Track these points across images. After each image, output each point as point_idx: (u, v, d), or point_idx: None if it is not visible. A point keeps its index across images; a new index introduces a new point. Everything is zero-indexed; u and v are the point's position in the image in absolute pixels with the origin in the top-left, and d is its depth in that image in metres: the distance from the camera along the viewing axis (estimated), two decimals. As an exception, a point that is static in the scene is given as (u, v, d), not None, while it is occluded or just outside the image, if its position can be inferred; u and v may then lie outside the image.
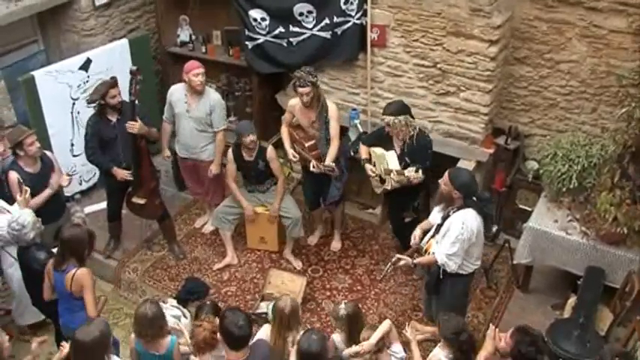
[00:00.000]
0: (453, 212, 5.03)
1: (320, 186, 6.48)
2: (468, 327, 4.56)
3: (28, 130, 5.84)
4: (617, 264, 5.66)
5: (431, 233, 5.33)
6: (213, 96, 6.61)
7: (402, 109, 5.82)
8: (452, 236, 4.98)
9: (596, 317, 5.45)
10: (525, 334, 4.19)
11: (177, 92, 6.63)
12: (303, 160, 6.38)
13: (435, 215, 5.37)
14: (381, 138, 6.02)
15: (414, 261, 5.27)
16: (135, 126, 6.08)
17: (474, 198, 5.03)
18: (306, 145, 6.28)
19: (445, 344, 4.45)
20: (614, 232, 5.49)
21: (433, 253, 5.14)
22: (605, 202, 5.50)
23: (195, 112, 6.54)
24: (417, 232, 5.52)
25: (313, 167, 6.16)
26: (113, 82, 6.14)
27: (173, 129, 6.79)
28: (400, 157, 5.88)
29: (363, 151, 6.21)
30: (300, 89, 6.04)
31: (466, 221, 4.93)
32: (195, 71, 6.39)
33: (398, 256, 5.30)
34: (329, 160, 6.14)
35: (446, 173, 5.09)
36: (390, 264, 5.33)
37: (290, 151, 6.42)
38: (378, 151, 5.98)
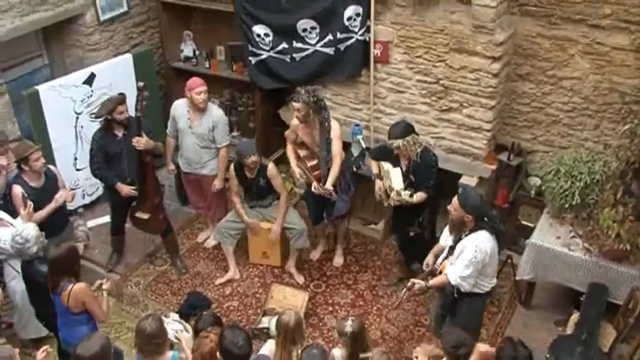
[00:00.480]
0: (466, 235, 4.99)
1: (323, 201, 6.47)
2: (471, 342, 4.52)
3: (34, 146, 5.86)
4: (620, 280, 5.64)
5: (444, 255, 5.31)
6: (215, 112, 6.63)
7: (406, 129, 5.78)
8: (465, 259, 4.94)
9: (599, 334, 5.42)
10: (511, 345, 4.21)
11: (180, 108, 6.66)
12: (308, 178, 6.39)
13: (446, 237, 5.33)
14: (386, 152, 6.02)
15: (428, 284, 5.24)
16: (141, 142, 6.10)
17: (486, 218, 5.00)
18: (309, 164, 6.29)
19: (447, 358, 4.44)
20: (617, 248, 5.48)
21: (446, 274, 5.12)
22: (608, 219, 5.49)
23: (198, 128, 6.57)
24: (429, 259, 5.51)
25: (314, 188, 6.17)
26: (122, 99, 6.16)
27: (176, 143, 6.81)
28: (405, 175, 5.89)
29: (374, 165, 6.21)
30: (294, 104, 6.06)
31: (479, 244, 4.90)
32: (198, 89, 6.42)
33: (412, 280, 5.25)
34: (329, 183, 6.13)
35: (454, 199, 5.01)
36: (405, 289, 5.28)
37: (296, 170, 6.41)
38: (385, 166, 6.00)
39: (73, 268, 4.98)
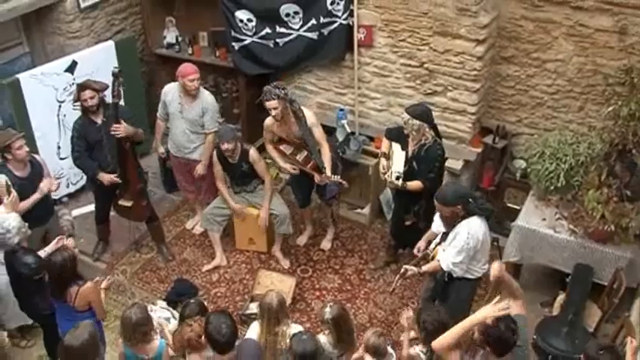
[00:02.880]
0: (458, 222, 5.01)
1: (311, 184, 6.46)
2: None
3: (16, 134, 5.78)
4: (605, 261, 5.69)
5: (437, 240, 5.32)
6: (207, 98, 6.59)
7: (421, 114, 5.68)
8: (458, 246, 4.96)
9: (585, 314, 5.48)
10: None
11: (171, 92, 6.61)
12: (304, 171, 6.33)
13: (438, 224, 5.33)
14: (400, 135, 5.93)
15: (421, 270, 5.26)
16: (120, 128, 6.06)
17: (471, 200, 5.00)
18: (299, 158, 6.26)
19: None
20: (601, 229, 5.52)
21: (438, 260, 5.13)
22: (593, 200, 5.52)
23: (189, 113, 6.53)
24: (421, 244, 5.53)
25: (319, 181, 6.12)
26: (83, 86, 6.10)
27: (166, 126, 6.77)
28: (408, 160, 5.85)
29: (385, 144, 6.12)
30: (267, 103, 5.95)
31: (471, 230, 4.91)
32: (190, 77, 6.36)
33: (405, 267, 5.27)
34: (329, 169, 6.07)
35: (435, 203, 5.02)
36: (398, 276, 5.30)
37: (287, 166, 6.36)
38: (395, 147, 5.96)
39: (72, 271, 4.92)
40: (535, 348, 5.31)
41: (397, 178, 5.78)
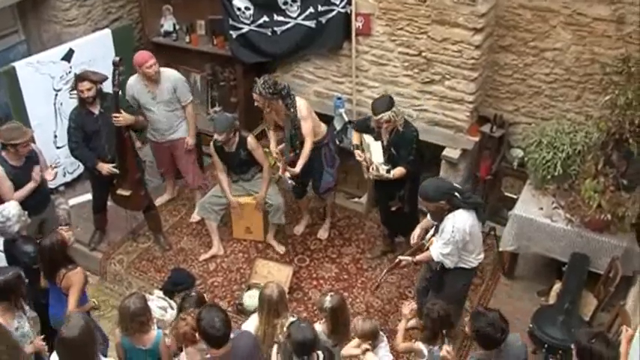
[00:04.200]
0: (445, 215, 5.03)
1: (307, 175, 6.47)
2: (454, 314, 4.59)
3: (27, 135, 5.70)
4: (602, 250, 5.70)
5: (432, 232, 5.35)
6: (169, 74, 6.62)
7: (391, 101, 5.78)
8: (444, 238, 5.00)
9: (581, 303, 5.49)
10: (479, 314, 4.26)
11: (135, 86, 6.58)
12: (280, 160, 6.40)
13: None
14: (369, 126, 6.00)
15: (415, 259, 5.30)
16: (119, 118, 6.05)
17: (457, 194, 5.01)
18: (275, 149, 6.38)
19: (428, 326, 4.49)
20: (598, 218, 5.53)
21: (430, 251, 5.17)
22: (590, 189, 5.53)
23: (162, 95, 6.56)
24: (416, 232, 5.54)
25: (281, 173, 6.21)
26: (80, 77, 6.08)
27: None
28: (386, 149, 5.87)
29: (355, 136, 6.19)
30: (253, 94, 6.08)
31: (456, 223, 4.94)
32: (148, 63, 6.38)
33: (400, 257, 5.34)
34: (301, 162, 6.11)
35: (420, 199, 5.10)
36: (385, 271, 5.46)
37: (274, 151, 6.45)
38: (367, 138, 5.99)
39: (66, 255, 4.96)
40: (531, 337, 5.33)
41: (388, 171, 5.80)
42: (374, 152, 5.91)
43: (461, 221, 4.95)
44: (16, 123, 5.92)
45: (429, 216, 5.43)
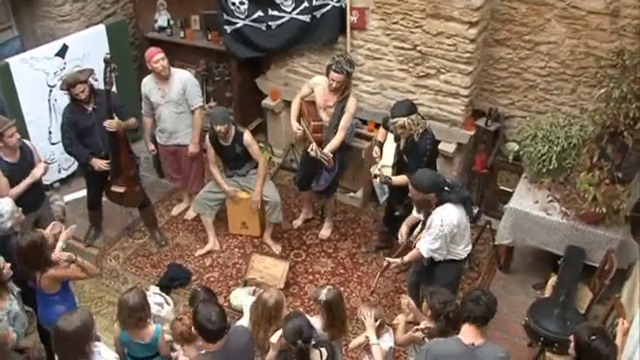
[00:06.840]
0: (433, 209, 5.04)
1: (313, 169, 6.47)
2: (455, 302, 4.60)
3: (8, 121, 5.70)
4: (597, 243, 5.72)
5: (419, 228, 5.37)
6: (181, 75, 6.58)
7: (410, 108, 5.62)
8: (433, 233, 5.02)
9: (576, 296, 5.51)
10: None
11: (148, 83, 6.58)
12: (304, 138, 6.32)
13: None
14: (389, 127, 5.89)
15: (404, 260, 5.31)
16: (112, 124, 6.07)
17: (447, 188, 5.03)
18: (312, 123, 6.19)
19: (431, 318, 4.47)
20: (593, 211, 5.53)
21: (418, 248, 5.17)
22: (585, 182, 5.53)
23: (171, 94, 6.51)
24: (403, 229, 5.54)
25: (311, 150, 6.08)
26: (71, 84, 6.02)
27: (154, 120, 6.73)
28: (399, 153, 5.83)
29: (381, 133, 6.15)
30: (334, 74, 5.92)
31: (444, 217, 4.96)
32: (155, 58, 6.34)
33: (388, 260, 5.35)
34: (329, 149, 6.07)
35: (409, 185, 5.08)
36: (378, 275, 5.49)
37: (295, 124, 6.30)
38: (389, 138, 5.97)
39: (41, 258, 4.79)
40: (527, 330, 5.35)
41: (388, 178, 5.78)
42: (386, 154, 5.90)
43: (449, 215, 4.97)
44: None
45: (414, 212, 5.44)
